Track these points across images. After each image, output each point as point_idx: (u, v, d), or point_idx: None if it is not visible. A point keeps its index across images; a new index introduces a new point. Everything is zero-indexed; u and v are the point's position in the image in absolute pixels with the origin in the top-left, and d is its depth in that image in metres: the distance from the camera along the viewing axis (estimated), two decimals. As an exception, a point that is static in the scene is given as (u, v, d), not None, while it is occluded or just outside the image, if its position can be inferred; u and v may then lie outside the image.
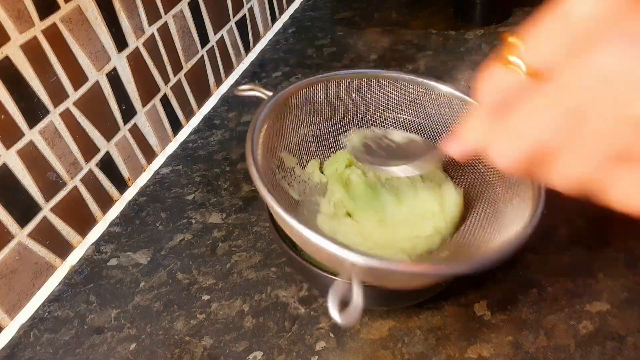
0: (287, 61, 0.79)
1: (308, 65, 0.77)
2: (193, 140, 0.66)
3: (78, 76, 0.51)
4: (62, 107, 0.50)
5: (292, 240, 0.47)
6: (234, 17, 0.75)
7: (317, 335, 0.44)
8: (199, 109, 0.71)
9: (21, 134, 0.46)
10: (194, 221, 0.56)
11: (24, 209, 0.47)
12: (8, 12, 0.43)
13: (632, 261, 0.45)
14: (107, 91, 0.55)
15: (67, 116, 0.50)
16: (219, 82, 0.74)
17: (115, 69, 0.55)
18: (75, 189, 0.53)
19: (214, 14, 0.70)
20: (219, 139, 0.66)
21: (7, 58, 0.43)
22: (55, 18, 0.47)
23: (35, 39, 0.45)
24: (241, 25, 0.77)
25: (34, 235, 0.49)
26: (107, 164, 0.57)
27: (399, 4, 0.89)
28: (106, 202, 0.57)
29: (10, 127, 0.45)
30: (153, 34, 0.60)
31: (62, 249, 0.52)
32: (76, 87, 0.51)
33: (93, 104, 0.53)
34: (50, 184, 0.50)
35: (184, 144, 0.66)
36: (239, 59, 0.79)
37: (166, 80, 0.64)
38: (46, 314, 0.49)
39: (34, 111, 0.47)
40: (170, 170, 0.63)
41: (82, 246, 0.54)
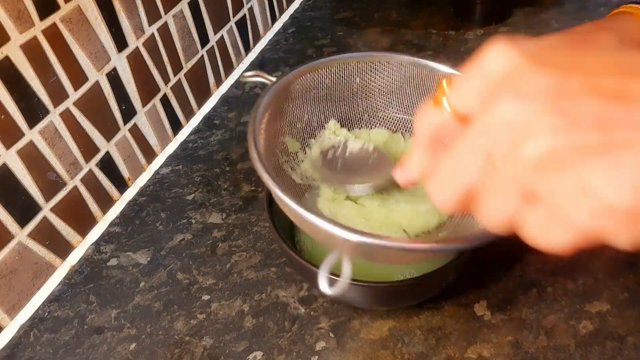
0: (287, 61, 0.79)
1: (308, 65, 0.77)
2: (193, 140, 0.66)
3: (78, 76, 0.51)
4: (62, 107, 0.50)
5: (292, 240, 0.47)
6: (234, 17, 0.75)
7: (317, 335, 0.44)
8: (199, 109, 0.71)
9: (21, 134, 0.46)
10: (194, 221, 0.56)
11: (24, 209, 0.47)
12: (8, 12, 0.43)
13: (632, 261, 0.46)
14: (107, 91, 0.55)
15: (67, 116, 0.50)
16: (219, 82, 0.74)
17: (115, 69, 0.55)
18: (75, 189, 0.53)
19: (214, 14, 0.70)
20: (219, 139, 0.66)
21: (7, 58, 0.43)
22: (55, 18, 0.47)
23: (35, 39, 0.45)
24: (241, 25, 0.77)
25: (34, 235, 0.49)
26: (107, 164, 0.57)
27: (399, 4, 0.89)
28: (106, 202, 0.57)
29: (10, 127, 0.45)
30: (153, 34, 0.60)
31: (62, 249, 0.52)
32: (76, 87, 0.51)
33: (93, 104, 0.53)
34: (50, 184, 0.50)
35: (184, 144, 0.66)
36: (239, 59, 0.79)
37: (166, 80, 0.64)
38: (46, 314, 0.49)
39: (34, 111, 0.47)
40: (170, 170, 0.63)
41: (82, 246, 0.54)
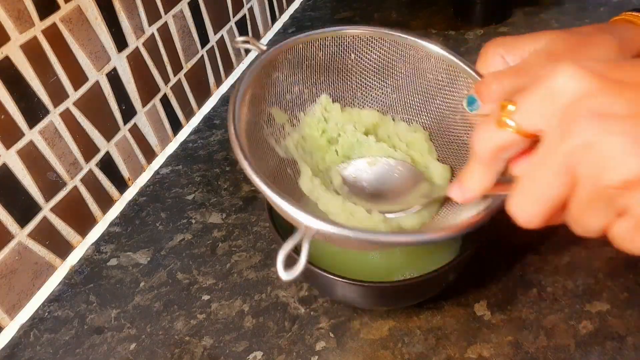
0: (287, 61, 0.79)
1: (308, 65, 0.77)
2: (193, 140, 0.66)
3: (78, 76, 0.51)
4: (62, 107, 0.50)
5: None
6: (234, 17, 0.75)
7: (317, 335, 0.44)
8: (199, 109, 0.71)
9: (21, 134, 0.46)
10: (194, 221, 0.56)
11: (24, 209, 0.47)
12: (8, 12, 0.43)
13: (632, 261, 0.45)
14: (107, 91, 0.55)
15: (67, 116, 0.50)
16: (219, 82, 0.74)
17: (115, 69, 0.55)
18: (75, 189, 0.53)
19: (214, 14, 0.70)
20: (219, 139, 0.66)
21: (7, 58, 0.43)
22: (55, 18, 0.47)
23: (35, 39, 0.45)
24: (241, 25, 0.77)
25: (34, 235, 0.49)
26: (107, 164, 0.57)
27: (399, 4, 0.89)
28: (106, 202, 0.57)
29: (10, 127, 0.45)
30: (153, 34, 0.60)
31: (62, 249, 0.52)
32: (76, 87, 0.51)
33: (93, 104, 0.53)
34: (50, 184, 0.50)
35: (184, 144, 0.66)
36: (239, 59, 0.79)
37: (166, 80, 0.64)
38: (46, 314, 0.49)
39: (34, 111, 0.47)
40: (170, 170, 0.63)
41: (82, 246, 0.54)
